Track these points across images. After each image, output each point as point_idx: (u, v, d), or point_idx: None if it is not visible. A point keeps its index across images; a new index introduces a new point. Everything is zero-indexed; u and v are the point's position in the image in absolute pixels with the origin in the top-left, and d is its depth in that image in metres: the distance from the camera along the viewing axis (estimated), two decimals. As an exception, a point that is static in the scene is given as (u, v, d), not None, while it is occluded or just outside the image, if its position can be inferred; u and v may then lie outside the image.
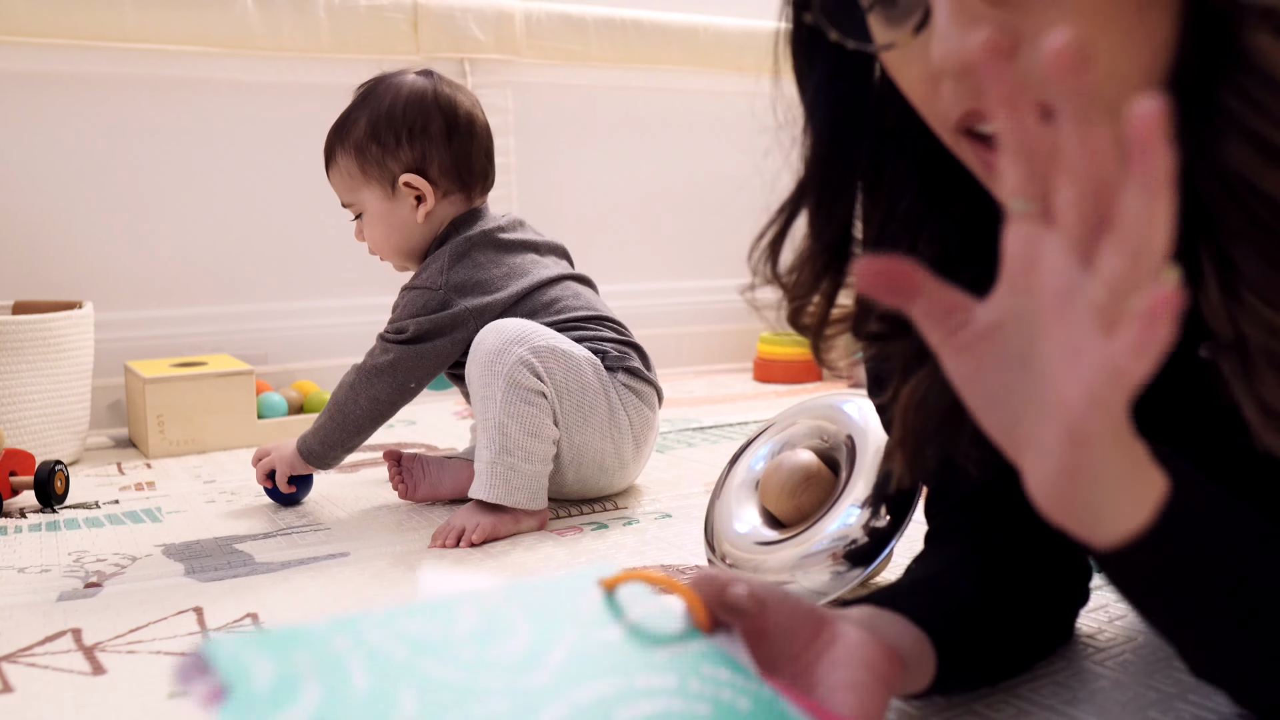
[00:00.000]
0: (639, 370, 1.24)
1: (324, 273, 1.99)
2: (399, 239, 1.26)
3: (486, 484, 1.11)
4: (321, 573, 1.01)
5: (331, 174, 1.28)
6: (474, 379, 1.14)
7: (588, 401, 1.17)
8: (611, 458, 1.21)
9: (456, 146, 1.24)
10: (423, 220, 1.25)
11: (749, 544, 0.90)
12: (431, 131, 1.23)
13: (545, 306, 1.24)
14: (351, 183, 1.25)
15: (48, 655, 0.81)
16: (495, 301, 1.22)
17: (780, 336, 2.18)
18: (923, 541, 0.75)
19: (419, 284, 1.23)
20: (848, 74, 0.57)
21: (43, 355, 1.46)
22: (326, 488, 1.37)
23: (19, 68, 1.72)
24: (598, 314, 1.26)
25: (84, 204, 1.79)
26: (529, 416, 1.12)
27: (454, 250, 1.23)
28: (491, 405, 1.11)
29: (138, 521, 1.22)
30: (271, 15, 1.86)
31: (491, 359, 1.12)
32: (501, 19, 2.06)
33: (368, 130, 1.23)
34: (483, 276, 1.23)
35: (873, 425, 0.89)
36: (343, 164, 1.25)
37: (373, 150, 1.23)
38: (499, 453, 1.11)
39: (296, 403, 1.74)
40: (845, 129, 0.57)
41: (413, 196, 1.24)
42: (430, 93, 1.24)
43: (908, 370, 0.59)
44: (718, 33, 2.31)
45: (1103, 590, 0.88)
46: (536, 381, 1.12)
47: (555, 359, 1.14)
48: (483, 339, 1.14)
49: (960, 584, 0.66)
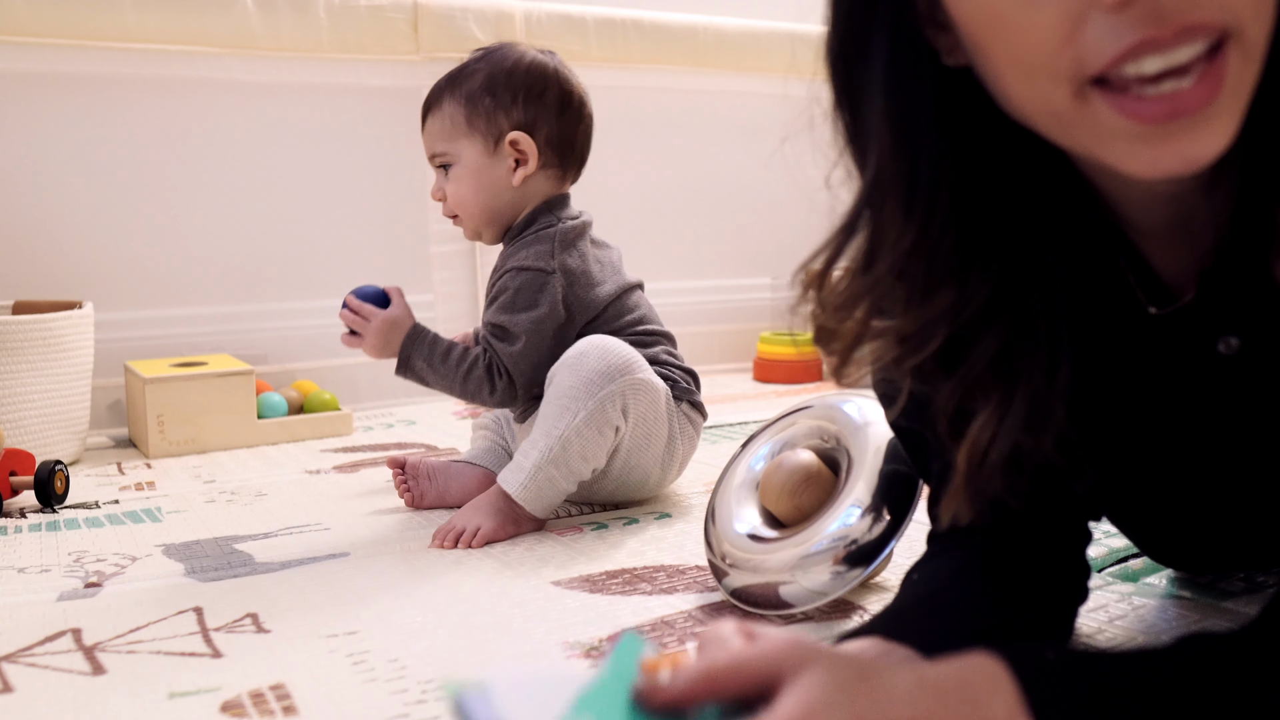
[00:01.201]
0: (699, 404, 1.25)
1: (324, 273, 1.99)
2: (486, 198, 1.24)
3: (522, 484, 1.10)
4: (321, 573, 1.01)
5: (431, 121, 1.25)
6: (561, 385, 1.12)
7: (654, 431, 1.17)
8: (656, 477, 1.22)
9: (566, 122, 1.24)
10: (518, 184, 1.23)
11: (749, 544, 0.90)
12: (547, 100, 1.23)
13: (629, 311, 1.25)
14: (453, 131, 1.23)
15: (48, 655, 0.81)
16: (597, 298, 1.23)
17: (780, 336, 2.18)
18: (925, 542, 0.75)
19: (529, 264, 1.20)
20: (908, 79, 0.53)
21: (43, 355, 1.46)
22: (327, 488, 1.37)
23: (19, 68, 1.72)
24: (662, 328, 1.28)
25: (84, 204, 1.79)
26: (594, 444, 1.11)
27: (562, 236, 1.22)
28: (567, 418, 1.10)
29: (138, 521, 1.22)
30: (271, 15, 1.86)
31: (590, 382, 1.10)
32: (501, 19, 2.06)
33: (484, 83, 1.22)
34: (589, 269, 1.23)
35: (873, 425, 0.89)
36: (448, 110, 1.23)
37: (485, 102, 1.22)
38: (548, 463, 1.10)
39: (296, 403, 1.74)
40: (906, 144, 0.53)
41: (513, 158, 1.22)
42: (551, 65, 1.25)
43: (962, 409, 0.58)
44: (718, 33, 2.31)
45: (1102, 590, 0.88)
46: (619, 417, 1.12)
47: (644, 394, 1.14)
48: (586, 354, 1.12)
49: (965, 600, 0.65)
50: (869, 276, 0.56)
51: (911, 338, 0.57)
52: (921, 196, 0.53)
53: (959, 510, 0.60)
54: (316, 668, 0.78)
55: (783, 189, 2.56)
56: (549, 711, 0.41)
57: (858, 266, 0.56)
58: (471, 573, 1.00)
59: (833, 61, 0.55)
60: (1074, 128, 0.48)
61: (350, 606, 0.91)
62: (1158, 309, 0.60)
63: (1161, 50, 0.44)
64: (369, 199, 2.03)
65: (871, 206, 0.55)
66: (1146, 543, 0.79)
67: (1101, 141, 0.48)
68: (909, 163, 0.53)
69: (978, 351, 0.56)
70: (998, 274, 0.56)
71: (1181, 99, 0.44)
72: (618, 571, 1.00)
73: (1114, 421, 0.63)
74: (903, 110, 0.53)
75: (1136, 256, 0.60)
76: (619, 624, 0.85)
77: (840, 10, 0.54)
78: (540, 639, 0.83)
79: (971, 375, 0.57)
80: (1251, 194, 0.52)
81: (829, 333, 0.59)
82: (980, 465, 0.57)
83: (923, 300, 0.55)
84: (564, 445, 1.10)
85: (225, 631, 0.86)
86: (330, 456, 1.57)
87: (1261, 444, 0.59)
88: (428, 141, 1.26)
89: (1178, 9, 0.43)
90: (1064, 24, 0.45)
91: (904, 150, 0.53)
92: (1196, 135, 0.45)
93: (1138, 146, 0.47)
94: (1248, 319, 0.52)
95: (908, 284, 0.55)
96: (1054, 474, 0.59)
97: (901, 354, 0.57)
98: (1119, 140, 0.47)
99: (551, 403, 1.12)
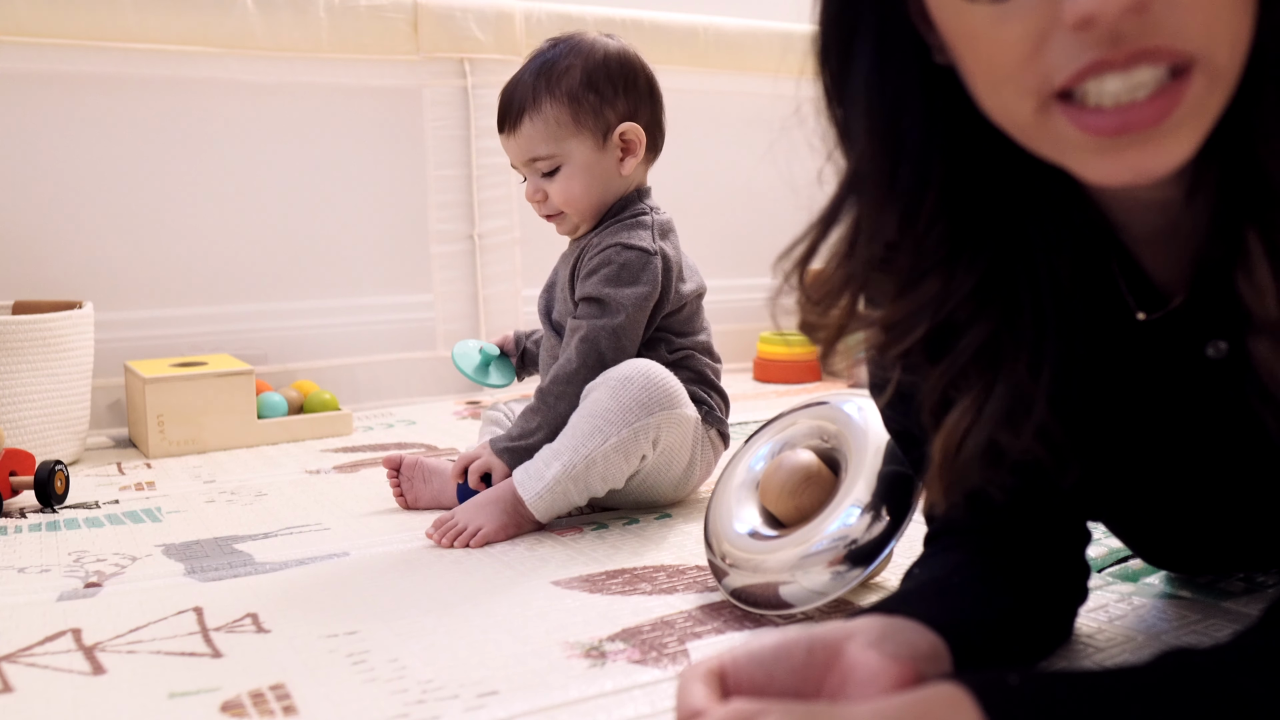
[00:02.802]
0: (725, 432, 1.25)
1: (324, 273, 2.00)
2: (598, 192, 1.23)
3: (538, 493, 1.10)
4: (321, 573, 1.01)
5: (527, 124, 1.21)
6: (598, 405, 1.11)
7: (676, 458, 1.17)
8: (670, 494, 1.21)
9: (656, 106, 1.26)
10: (626, 174, 1.23)
11: (749, 544, 0.90)
12: (640, 87, 1.23)
13: (702, 323, 1.27)
14: (560, 132, 1.20)
15: (48, 655, 0.81)
16: (682, 293, 1.24)
17: (780, 336, 2.18)
18: (923, 543, 0.75)
19: (634, 243, 1.20)
20: (892, 78, 0.54)
21: (43, 355, 1.46)
22: (326, 488, 1.37)
23: (19, 68, 1.72)
24: (710, 343, 1.28)
25: (84, 204, 1.79)
26: (617, 469, 1.11)
27: (660, 225, 1.23)
28: (597, 439, 1.10)
29: (138, 521, 1.22)
30: (271, 15, 1.86)
31: (628, 409, 1.10)
32: (501, 19, 2.06)
33: (584, 79, 1.20)
34: (681, 261, 1.25)
35: (873, 425, 0.89)
36: (550, 113, 1.20)
37: (590, 99, 1.20)
38: (569, 478, 1.10)
39: (296, 403, 1.74)
40: (887, 141, 0.55)
41: (619, 149, 1.22)
42: (631, 51, 1.25)
43: (946, 398, 0.59)
44: (718, 33, 2.31)
45: (1102, 590, 0.88)
46: (649, 447, 1.12)
47: (677, 428, 1.14)
48: (630, 380, 1.11)
49: (969, 586, 0.65)
50: (849, 267, 0.57)
51: (896, 326, 0.58)
52: (902, 190, 0.55)
53: (935, 499, 0.60)
54: (316, 668, 0.78)
55: (783, 189, 2.56)
56: None
57: (840, 257, 0.58)
58: (471, 573, 1.00)
59: (821, 58, 0.56)
60: (1037, 137, 0.50)
61: (350, 606, 0.91)
62: (1146, 314, 0.60)
63: (1118, 71, 0.45)
64: (369, 199, 2.03)
65: (854, 198, 0.56)
66: (1139, 544, 0.79)
67: (1061, 151, 0.50)
68: (890, 158, 0.54)
69: (964, 341, 0.57)
70: (985, 266, 0.57)
71: (1133, 113, 0.46)
72: (618, 571, 1.00)
73: (1103, 423, 0.63)
74: (886, 106, 0.54)
75: (1128, 260, 0.60)
76: (619, 624, 0.85)
77: (827, 8, 0.55)
78: (540, 639, 0.83)
79: (957, 365, 0.58)
80: (1225, 210, 0.53)
81: (812, 324, 0.60)
82: (956, 454, 0.58)
83: (907, 290, 0.57)
84: (588, 465, 1.10)
85: (225, 631, 0.86)
86: (330, 456, 1.57)
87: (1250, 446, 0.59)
88: (524, 146, 1.22)
89: (1136, 34, 0.44)
90: (1029, 41, 0.47)
91: (885, 146, 0.54)
92: (1148, 150, 0.47)
93: (1093, 157, 0.48)
94: (1236, 323, 0.53)
95: (894, 273, 0.57)
96: (1037, 468, 0.59)
97: (886, 341, 0.59)
98: (1076, 151, 0.49)
99: (585, 419, 1.11)
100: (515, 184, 2.10)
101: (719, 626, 0.85)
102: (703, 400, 1.22)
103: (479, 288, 2.09)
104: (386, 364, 2.03)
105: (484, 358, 1.42)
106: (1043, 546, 0.70)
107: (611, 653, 0.79)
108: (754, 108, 2.42)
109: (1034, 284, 0.57)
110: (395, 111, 2.03)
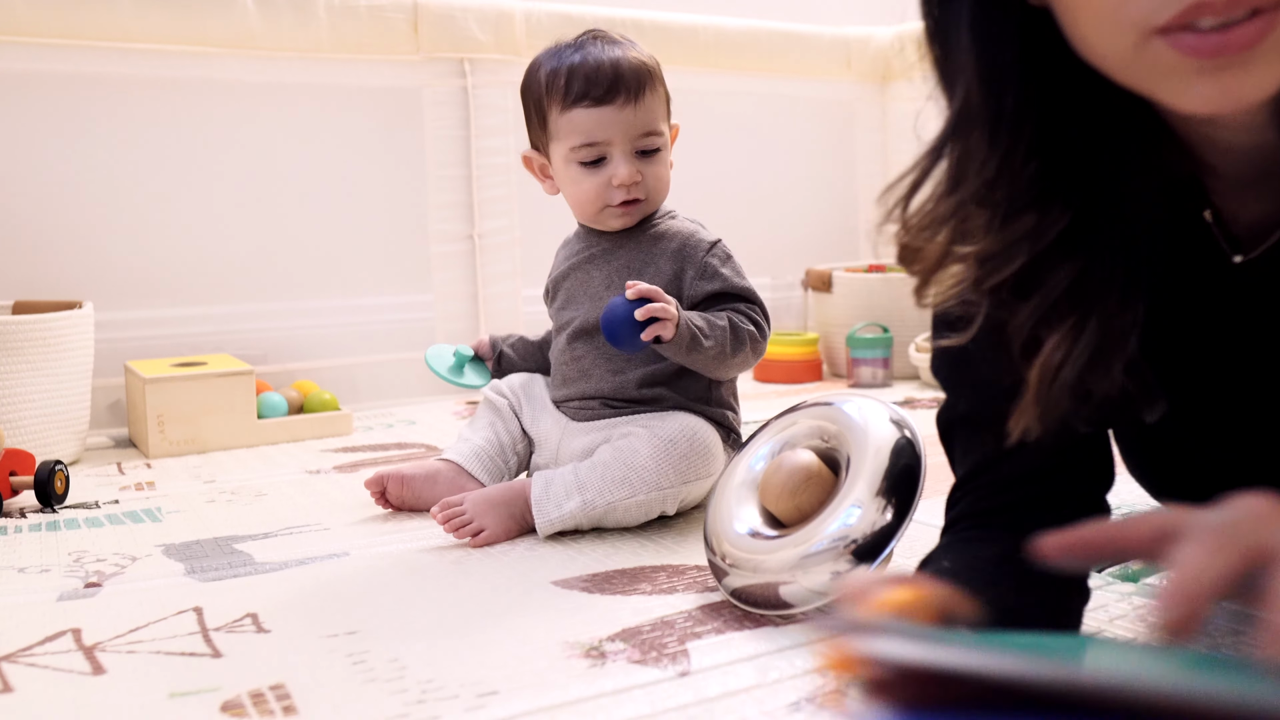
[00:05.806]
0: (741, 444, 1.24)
1: (324, 273, 2.00)
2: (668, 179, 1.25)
3: (552, 523, 1.09)
4: (321, 573, 1.01)
5: (651, 96, 1.19)
6: (637, 456, 1.11)
7: (695, 489, 1.15)
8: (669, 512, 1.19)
9: None
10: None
11: (749, 544, 0.90)
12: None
13: None
14: (663, 113, 1.22)
15: (48, 655, 0.81)
16: None
17: (780, 336, 2.17)
18: (941, 533, 0.74)
19: (714, 238, 1.23)
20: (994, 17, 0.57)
21: (43, 355, 1.46)
22: (326, 488, 1.37)
23: (19, 68, 1.72)
24: None
25: (84, 204, 1.79)
26: (634, 518, 1.12)
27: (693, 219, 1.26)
28: (625, 491, 1.10)
29: (138, 521, 1.22)
30: (271, 15, 1.86)
31: (664, 474, 1.11)
32: (501, 19, 2.06)
33: (657, 68, 1.22)
34: None
35: (873, 425, 0.89)
36: (662, 92, 1.21)
37: (664, 89, 1.22)
38: (584, 514, 1.10)
39: (296, 403, 1.74)
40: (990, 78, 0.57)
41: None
42: None
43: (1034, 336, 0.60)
44: (718, 33, 2.31)
45: (1103, 590, 0.88)
46: (672, 507, 1.13)
47: (702, 485, 1.14)
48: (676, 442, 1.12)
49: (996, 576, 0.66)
50: (953, 199, 0.59)
51: (992, 259, 0.59)
52: (1006, 126, 0.57)
53: (1029, 426, 0.61)
54: (316, 668, 0.78)
55: (782, 189, 2.56)
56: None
57: (943, 190, 0.60)
58: (471, 573, 1.00)
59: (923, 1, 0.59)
60: (1134, 67, 0.52)
61: (350, 606, 0.91)
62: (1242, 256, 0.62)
63: (1219, 15, 0.47)
64: (369, 199, 2.03)
65: (958, 134, 0.58)
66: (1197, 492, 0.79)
67: (1156, 81, 0.51)
68: (995, 94, 0.57)
69: (1055, 278, 0.59)
70: (1079, 205, 0.59)
71: (1230, 35, 0.47)
72: (618, 571, 1.00)
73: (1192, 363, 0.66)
74: (989, 46, 0.57)
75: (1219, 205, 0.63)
76: (619, 624, 0.85)
77: None
78: (540, 639, 0.83)
79: (1048, 300, 0.59)
80: None
81: (913, 252, 0.62)
82: (1051, 384, 0.60)
83: (1005, 224, 0.59)
84: (608, 510, 1.10)
85: (225, 631, 0.86)
86: (330, 456, 1.57)
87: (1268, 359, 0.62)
88: (645, 119, 1.18)
89: None
90: None
91: (990, 83, 0.57)
92: (1243, 74, 0.48)
93: (1189, 81, 0.49)
94: None
95: (990, 208, 0.59)
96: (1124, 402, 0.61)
97: (981, 275, 0.60)
98: (1172, 77, 0.50)
99: (618, 466, 1.11)
100: (515, 184, 2.10)
101: (719, 626, 0.85)
102: (724, 426, 1.21)
103: (479, 288, 2.09)
104: (386, 364, 2.03)
105: (458, 359, 1.39)
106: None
107: (611, 653, 0.79)
108: (754, 108, 2.43)
109: (1125, 225, 0.59)
110: (395, 111, 2.03)
